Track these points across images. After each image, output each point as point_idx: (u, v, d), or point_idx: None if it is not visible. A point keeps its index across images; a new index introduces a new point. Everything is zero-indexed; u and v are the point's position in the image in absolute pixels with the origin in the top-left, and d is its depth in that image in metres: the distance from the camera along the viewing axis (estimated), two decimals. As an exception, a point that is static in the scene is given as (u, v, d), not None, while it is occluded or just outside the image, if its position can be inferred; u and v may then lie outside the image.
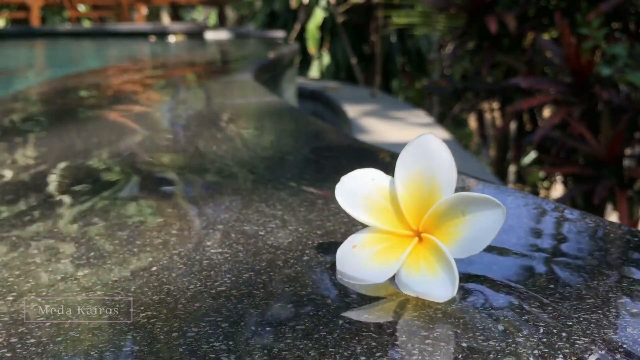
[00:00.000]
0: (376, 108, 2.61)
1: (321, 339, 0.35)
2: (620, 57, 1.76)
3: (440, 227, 0.41)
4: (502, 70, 2.48)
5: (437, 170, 0.42)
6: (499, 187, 0.68)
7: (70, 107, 1.21)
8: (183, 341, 0.35)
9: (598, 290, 0.40)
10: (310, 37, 4.45)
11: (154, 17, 7.18)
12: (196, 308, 0.39)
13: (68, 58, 2.93)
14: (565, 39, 1.85)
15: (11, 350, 0.34)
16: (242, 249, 0.48)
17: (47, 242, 0.50)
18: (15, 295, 0.41)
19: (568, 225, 0.54)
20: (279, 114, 1.13)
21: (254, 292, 0.40)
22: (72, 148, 0.85)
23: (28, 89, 1.57)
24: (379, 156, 0.78)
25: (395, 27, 3.91)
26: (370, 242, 0.42)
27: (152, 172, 0.73)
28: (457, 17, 2.51)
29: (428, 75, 4.68)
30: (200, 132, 0.94)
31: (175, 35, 3.60)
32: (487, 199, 0.40)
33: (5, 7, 6.00)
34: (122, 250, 0.48)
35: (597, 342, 0.34)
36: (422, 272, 0.40)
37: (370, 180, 0.44)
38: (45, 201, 0.62)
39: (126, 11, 5.45)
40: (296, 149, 0.84)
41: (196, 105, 1.29)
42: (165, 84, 1.65)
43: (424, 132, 0.43)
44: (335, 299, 0.40)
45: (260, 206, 0.57)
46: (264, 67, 1.86)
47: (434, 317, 0.37)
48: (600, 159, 1.76)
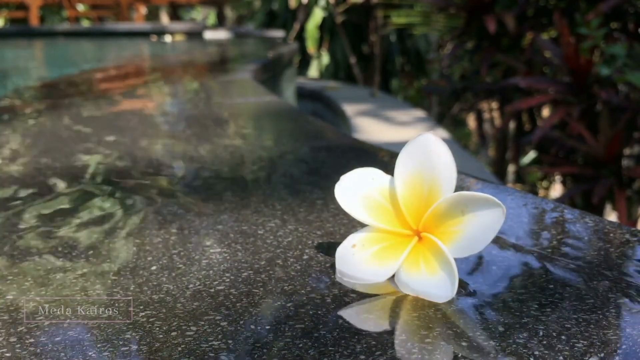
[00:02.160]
0: (375, 108, 2.61)
1: (321, 337, 0.35)
2: (619, 57, 1.76)
3: (440, 226, 0.41)
4: (501, 70, 2.48)
5: (437, 170, 0.42)
6: (499, 187, 0.68)
7: (65, 104, 1.21)
8: (182, 340, 0.35)
9: (597, 291, 0.40)
10: (309, 36, 4.44)
11: (153, 16, 7.18)
12: (195, 307, 0.38)
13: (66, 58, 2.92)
14: (564, 38, 1.85)
15: (10, 350, 0.34)
16: (240, 248, 0.48)
17: (46, 241, 0.50)
18: (15, 295, 0.41)
19: (567, 225, 0.54)
20: (279, 114, 1.13)
21: (253, 291, 0.40)
22: (67, 145, 0.84)
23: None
24: (378, 155, 0.78)
25: (394, 27, 3.91)
26: (370, 241, 0.42)
27: (151, 171, 0.73)
28: (456, 16, 2.51)
29: (427, 75, 4.68)
30: (199, 131, 0.94)
31: (172, 35, 3.60)
32: (486, 198, 0.40)
33: (4, 6, 6.00)
34: (121, 249, 0.48)
35: (596, 343, 0.34)
36: (421, 271, 0.40)
37: (369, 179, 0.44)
38: (44, 199, 0.62)
39: (125, 11, 5.45)
40: (295, 148, 0.84)
41: (195, 105, 1.29)
42: (164, 83, 1.65)
43: (423, 132, 0.43)
44: (334, 298, 0.40)
45: (259, 206, 0.57)
46: (264, 66, 1.86)
47: (433, 316, 0.37)
48: (599, 158, 1.76)
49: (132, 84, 1.66)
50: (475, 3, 2.29)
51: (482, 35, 2.34)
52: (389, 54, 4.66)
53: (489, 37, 2.30)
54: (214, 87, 1.52)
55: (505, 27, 2.21)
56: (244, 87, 1.47)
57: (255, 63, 1.86)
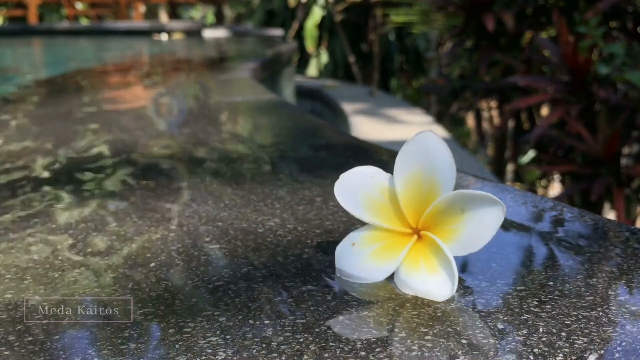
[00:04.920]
0: (374, 106, 2.61)
1: (322, 333, 0.35)
2: (617, 56, 1.76)
3: (439, 224, 0.41)
4: (500, 68, 2.48)
5: (436, 168, 0.41)
6: (498, 185, 0.68)
7: (66, 105, 1.21)
8: (179, 337, 0.35)
9: (597, 288, 0.40)
10: (308, 35, 4.44)
11: (151, 15, 7.17)
12: (193, 303, 0.38)
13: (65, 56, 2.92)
14: (563, 37, 1.85)
15: (9, 349, 0.34)
16: (240, 244, 0.48)
17: (45, 239, 0.50)
18: (13, 293, 0.41)
19: (567, 223, 0.54)
20: (277, 112, 1.13)
21: (252, 287, 0.40)
22: (69, 146, 0.84)
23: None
24: (377, 154, 0.78)
25: (393, 26, 3.91)
26: (369, 239, 0.42)
27: (150, 169, 0.73)
28: (455, 15, 2.51)
29: (426, 73, 4.67)
30: (198, 130, 0.94)
31: (169, 34, 3.59)
32: (486, 196, 0.40)
33: (3, 5, 5.99)
34: (120, 246, 0.48)
35: (596, 340, 0.34)
36: (421, 270, 0.40)
37: (369, 177, 0.44)
38: (43, 197, 0.62)
39: (124, 9, 5.44)
40: (294, 147, 0.84)
41: (194, 103, 1.29)
42: (162, 82, 1.65)
43: (422, 130, 0.43)
44: (334, 296, 0.40)
45: (258, 204, 0.57)
46: (263, 65, 1.86)
47: (433, 315, 0.37)
48: (597, 157, 1.76)
49: (131, 82, 1.66)
50: (474, 2, 2.29)
51: (481, 34, 2.34)
52: (388, 52, 4.66)
53: (487, 35, 2.30)
54: (212, 85, 1.52)
55: (504, 25, 2.21)
56: (243, 85, 1.47)
57: (254, 62, 1.86)
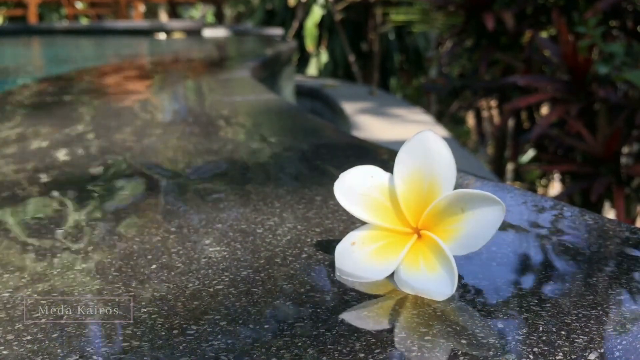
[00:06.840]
0: (374, 106, 2.61)
1: (320, 336, 0.35)
2: (617, 55, 1.76)
3: (439, 224, 0.41)
4: (500, 68, 2.48)
5: (437, 167, 0.41)
6: (498, 185, 0.68)
7: (64, 102, 1.21)
8: (183, 339, 0.35)
9: (597, 287, 0.40)
10: (308, 34, 4.44)
11: (151, 14, 7.17)
12: (195, 306, 0.38)
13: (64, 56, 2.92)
14: (563, 37, 1.85)
15: (8, 348, 0.34)
16: (240, 246, 0.47)
17: (45, 238, 0.50)
18: (12, 292, 0.41)
19: (567, 222, 0.54)
20: (277, 112, 1.13)
21: (252, 290, 0.40)
22: (64, 142, 0.84)
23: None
24: (377, 153, 0.78)
25: (393, 25, 3.91)
26: (369, 239, 0.42)
27: (149, 170, 0.73)
28: (455, 14, 2.51)
29: (426, 73, 4.67)
30: (197, 129, 0.94)
31: (169, 33, 3.59)
32: (486, 196, 0.40)
33: (3, 4, 5.99)
34: (120, 248, 0.48)
35: (596, 338, 0.34)
36: (421, 269, 0.40)
37: (369, 177, 0.44)
38: (43, 196, 0.62)
39: (124, 9, 5.44)
40: (294, 146, 0.84)
41: (194, 103, 1.29)
42: (162, 81, 1.65)
43: (422, 130, 0.43)
44: (334, 296, 0.40)
45: (258, 204, 0.57)
46: (263, 64, 1.86)
47: (433, 314, 0.37)
48: (597, 156, 1.76)
49: (131, 81, 1.66)
50: (474, 1, 2.29)
51: (481, 33, 2.34)
52: (388, 51, 4.66)
53: (487, 35, 2.30)
54: (212, 85, 1.52)
55: (504, 25, 2.21)
56: (243, 85, 1.46)
57: (254, 61, 1.85)
